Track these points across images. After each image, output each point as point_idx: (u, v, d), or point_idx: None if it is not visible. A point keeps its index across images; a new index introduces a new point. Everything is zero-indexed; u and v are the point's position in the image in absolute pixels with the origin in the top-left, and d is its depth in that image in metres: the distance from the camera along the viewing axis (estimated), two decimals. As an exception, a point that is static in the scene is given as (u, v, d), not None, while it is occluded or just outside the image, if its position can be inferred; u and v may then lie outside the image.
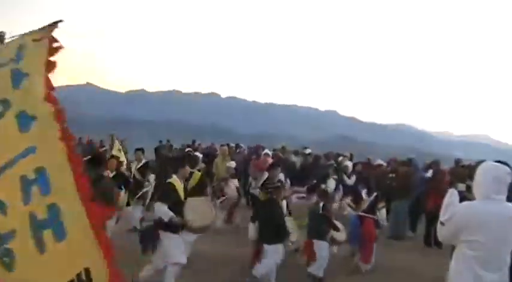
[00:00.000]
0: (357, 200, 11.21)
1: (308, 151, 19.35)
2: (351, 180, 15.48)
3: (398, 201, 14.94)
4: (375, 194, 11.41)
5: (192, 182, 10.67)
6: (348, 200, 11.62)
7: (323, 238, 9.84)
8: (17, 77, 3.93)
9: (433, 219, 12.75)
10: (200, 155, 16.45)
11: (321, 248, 9.73)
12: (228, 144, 20.73)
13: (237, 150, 21.51)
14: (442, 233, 4.98)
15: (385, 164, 17.83)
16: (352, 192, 11.85)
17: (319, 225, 9.87)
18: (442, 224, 4.93)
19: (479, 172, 4.95)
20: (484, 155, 6.79)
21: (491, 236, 4.65)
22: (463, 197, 5.26)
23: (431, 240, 13.91)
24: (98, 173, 8.66)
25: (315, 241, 9.73)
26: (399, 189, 15.00)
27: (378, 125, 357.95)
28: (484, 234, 4.64)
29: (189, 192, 9.63)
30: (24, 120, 3.79)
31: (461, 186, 11.34)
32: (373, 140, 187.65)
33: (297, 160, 18.37)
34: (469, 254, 4.70)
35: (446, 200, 5.09)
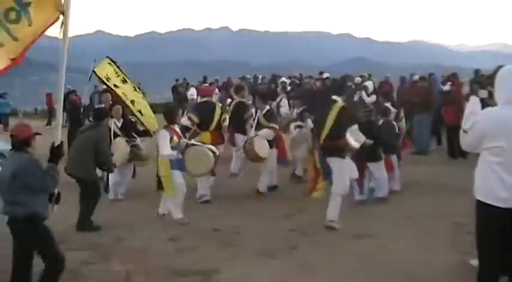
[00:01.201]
0: (386, 113, 11.26)
1: (326, 75, 19.14)
2: (370, 99, 15.40)
3: (419, 115, 14.87)
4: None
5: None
6: None
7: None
8: None
9: (453, 130, 12.75)
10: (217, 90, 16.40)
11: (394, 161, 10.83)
12: (243, 77, 20.60)
13: (258, 82, 21.31)
14: (465, 141, 4.93)
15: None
16: (379, 106, 11.96)
17: (394, 141, 10.69)
18: (465, 132, 4.87)
19: (499, 76, 4.81)
20: (505, 64, 6.66)
21: None
22: (485, 104, 5.18)
23: (455, 151, 13.89)
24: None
25: (393, 156, 10.68)
26: (420, 104, 14.91)
27: (394, 43, 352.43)
28: (506, 140, 4.56)
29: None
30: None
31: (483, 93, 11.26)
32: (389, 59, 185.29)
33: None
34: (492, 160, 4.64)
35: (468, 107, 5.00)
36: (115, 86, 9.96)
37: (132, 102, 10.05)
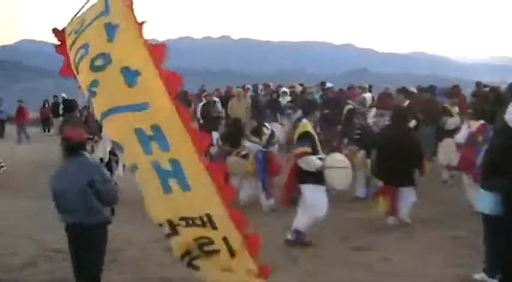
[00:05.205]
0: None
1: (329, 85, 18.98)
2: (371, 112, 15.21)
3: (425, 127, 14.61)
4: None
5: None
6: None
7: None
8: (110, 31, 4.23)
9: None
10: (217, 99, 16.44)
11: None
12: (243, 86, 20.50)
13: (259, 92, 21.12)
14: None
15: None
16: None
17: None
18: None
19: None
20: (509, 76, 6.61)
21: None
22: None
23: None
24: None
25: None
26: (424, 116, 14.70)
27: (396, 54, 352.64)
28: None
29: None
30: (129, 75, 4.08)
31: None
32: (391, 70, 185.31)
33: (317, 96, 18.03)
34: None
35: None
36: None
37: None
